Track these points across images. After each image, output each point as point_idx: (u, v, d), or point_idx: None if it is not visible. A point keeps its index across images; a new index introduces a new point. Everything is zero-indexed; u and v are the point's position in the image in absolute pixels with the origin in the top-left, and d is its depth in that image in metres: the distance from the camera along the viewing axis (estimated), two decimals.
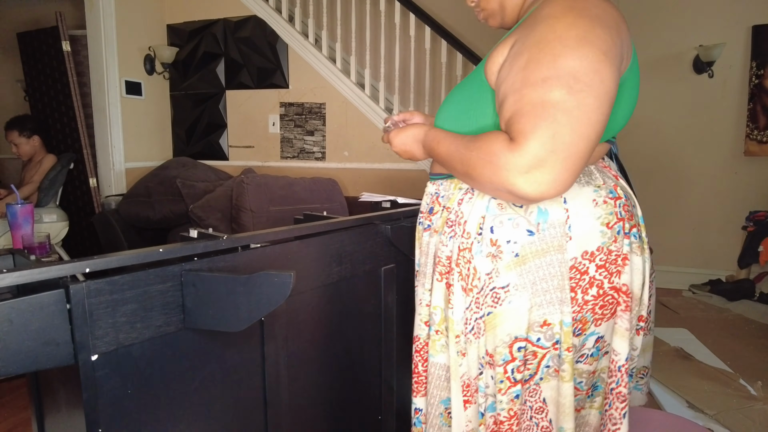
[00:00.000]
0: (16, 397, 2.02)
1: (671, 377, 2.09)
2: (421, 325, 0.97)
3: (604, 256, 0.79)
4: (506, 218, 0.79)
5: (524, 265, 0.78)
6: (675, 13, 3.43)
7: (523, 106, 0.68)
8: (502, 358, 0.81)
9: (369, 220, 1.24)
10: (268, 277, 0.78)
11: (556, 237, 0.77)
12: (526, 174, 0.66)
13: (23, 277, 0.66)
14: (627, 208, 0.82)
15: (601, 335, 0.83)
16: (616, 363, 0.84)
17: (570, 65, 0.66)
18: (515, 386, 0.81)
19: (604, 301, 0.81)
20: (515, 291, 0.79)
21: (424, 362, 0.98)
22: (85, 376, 0.71)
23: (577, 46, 0.67)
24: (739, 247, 3.37)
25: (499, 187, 0.70)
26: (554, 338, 0.79)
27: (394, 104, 3.28)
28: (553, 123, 0.65)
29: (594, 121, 0.66)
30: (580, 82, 0.66)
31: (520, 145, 0.66)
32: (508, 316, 0.79)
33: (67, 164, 3.18)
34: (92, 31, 3.29)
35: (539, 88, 0.67)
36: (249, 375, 0.97)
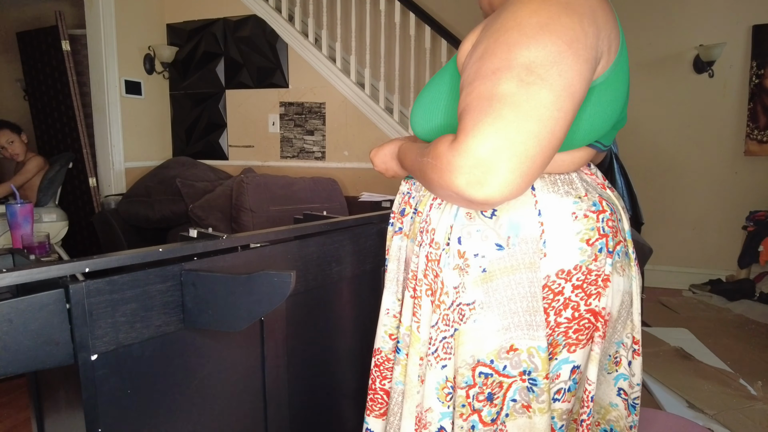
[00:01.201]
0: (16, 397, 2.02)
1: (671, 377, 2.09)
2: (384, 338, 0.91)
3: (581, 275, 0.71)
4: (474, 229, 0.72)
5: (491, 282, 0.71)
6: (675, 13, 3.43)
7: (471, 101, 0.60)
8: (464, 381, 0.73)
9: (369, 220, 1.24)
10: (268, 277, 0.78)
11: (527, 253, 0.70)
12: (467, 175, 0.58)
13: (23, 277, 0.66)
14: (611, 222, 0.73)
15: (578, 365, 0.74)
16: (589, 393, 0.76)
17: (525, 55, 0.59)
18: (473, 415, 0.73)
19: (579, 325, 0.72)
20: (480, 309, 0.71)
21: (383, 379, 0.92)
22: (84, 376, 0.71)
23: (535, 35, 0.59)
24: (739, 247, 3.37)
25: (448, 191, 0.62)
26: (521, 366, 0.72)
27: (394, 104, 3.27)
28: (497, 119, 0.57)
29: (546, 117, 0.58)
30: (533, 74, 0.58)
31: (460, 143, 0.59)
32: (472, 336, 0.72)
33: (65, 164, 3.18)
34: (92, 30, 3.28)
35: (488, 81, 0.60)
36: (249, 375, 0.97)
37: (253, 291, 0.79)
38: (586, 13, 0.62)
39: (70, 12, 4.29)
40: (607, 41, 0.65)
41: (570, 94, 0.59)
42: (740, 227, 3.39)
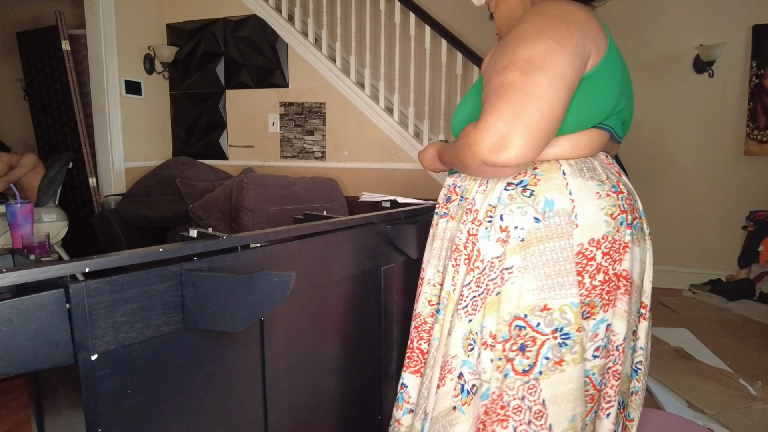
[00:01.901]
0: (16, 397, 2.02)
1: (671, 377, 2.09)
2: (424, 303, 1.04)
3: (608, 244, 0.85)
4: (515, 207, 0.86)
5: (528, 249, 0.84)
6: (675, 13, 3.43)
7: (488, 93, 0.80)
8: (501, 336, 0.86)
9: (369, 220, 1.24)
10: (268, 277, 0.78)
11: (560, 225, 0.84)
12: (489, 144, 0.76)
13: (23, 277, 0.66)
14: (629, 201, 0.89)
15: (609, 322, 0.88)
16: (614, 342, 0.89)
17: (525, 53, 0.78)
18: (507, 364, 0.85)
19: (609, 287, 0.86)
20: (518, 272, 0.84)
21: (419, 339, 1.04)
22: (84, 376, 0.71)
23: (532, 38, 0.79)
24: (739, 247, 3.37)
25: (477, 163, 0.80)
26: (554, 325, 0.83)
27: (394, 104, 3.27)
28: (509, 100, 0.75)
29: (545, 95, 0.75)
30: (531, 65, 0.76)
31: (482, 122, 0.77)
32: (510, 295, 0.85)
33: (65, 164, 3.18)
34: (92, 30, 3.28)
35: (500, 75, 0.79)
36: (249, 375, 0.97)
37: (253, 291, 0.79)
38: (573, 22, 0.81)
39: (70, 12, 4.29)
40: (594, 42, 0.84)
41: (561, 78, 0.77)
42: (740, 227, 3.39)
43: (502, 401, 0.86)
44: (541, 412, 0.84)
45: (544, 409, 0.84)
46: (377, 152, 3.33)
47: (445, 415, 0.90)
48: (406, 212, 1.38)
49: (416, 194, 3.04)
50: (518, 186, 0.87)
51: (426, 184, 3.24)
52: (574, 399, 0.84)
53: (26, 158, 3.16)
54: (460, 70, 3.23)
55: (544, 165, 0.88)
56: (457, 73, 3.24)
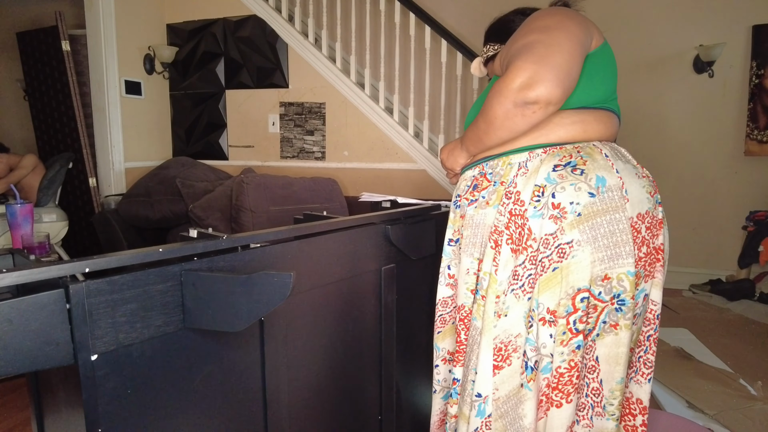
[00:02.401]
0: (16, 397, 2.02)
1: (671, 377, 2.09)
2: (467, 294, 1.05)
3: (650, 219, 0.93)
4: (568, 184, 0.90)
5: (587, 223, 0.88)
6: (675, 13, 3.43)
7: (513, 53, 0.89)
8: (565, 310, 0.89)
9: (369, 220, 1.24)
10: (268, 277, 0.78)
11: (614, 199, 0.89)
12: (521, 83, 0.84)
13: (23, 277, 0.66)
14: (655, 185, 0.99)
15: (647, 292, 0.95)
16: (655, 312, 0.97)
17: (540, 23, 0.90)
18: (577, 336, 0.89)
19: (650, 259, 0.94)
20: (578, 246, 0.88)
21: (467, 330, 1.05)
22: (84, 376, 0.71)
23: (544, 16, 0.93)
24: (739, 247, 3.37)
25: (510, 106, 0.86)
26: (612, 292, 0.89)
27: (394, 104, 3.27)
28: (533, 50, 0.85)
29: (565, 45, 0.85)
30: (550, 28, 0.88)
31: (511, 68, 0.86)
32: (573, 269, 0.88)
33: (65, 164, 3.18)
34: (92, 30, 3.28)
35: (521, 40, 0.89)
36: (249, 375, 0.97)
37: (253, 291, 0.79)
38: (575, 18, 0.93)
39: (70, 12, 4.29)
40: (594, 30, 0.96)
41: (576, 37, 0.88)
42: (740, 227, 3.39)
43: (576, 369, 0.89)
44: (594, 368, 0.91)
45: (597, 365, 0.91)
46: (377, 152, 3.33)
47: (515, 394, 0.94)
48: (406, 212, 1.38)
49: (416, 194, 3.04)
50: (567, 167, 0.91)
51: (426, 184, 3.24)
52: (623, 362, 0.90)
53: (26, 159, 3.16)
54: (460, 71, 3.23)
55: (587, 149, 0.93)
56: (457, 73, 3.24)
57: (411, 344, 1.43)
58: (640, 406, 1.00)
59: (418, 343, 1.46)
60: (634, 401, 1.01)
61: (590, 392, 0.93)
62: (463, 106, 3.45)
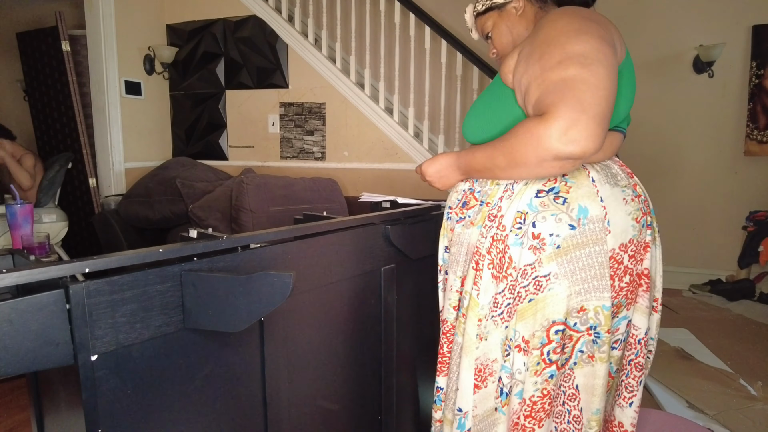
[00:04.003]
0: (16, 397, 2.02)
1: (671, 377, 2.09)
2: (450, 309, 1.05)
3: (634, 247, 0.90)
4: (549, 214, 0.87)
5: (565, 256, 0.86)
6: (675, 13, 3.43)
7: (547, 87, 0.80)
8: (539, 341, 0.88)
9: (369, 220, 1.24)
10: (268, 278, 0.78)
11: (595, 231, 0.86)
12: (565, 135, 0.76)
13: (23, 278, 0.66)
14: (647, 203, 0.95)
15: (630, 318, 0.94)
16: (636, 336, 0.95)
17: (577, 48, 0.80)
18: (550, 366, 0.89)
19: (632, 287, 0.92)
20: (555, 279, 0.87)
21: (449, 344, 1.06)
22: (84, 377, 0.71)
23: (578, 36, 0.81)
24: (739, 247, 3.37)
25: (545, 157, 0.79)
26: (588, 323, 0.88)
27: (393, 104, 3.27)
28: (576, 91, 0.76)
29: (607, 86, 0.78)
30: (589, 59, 0.78)
31: (553, 114, 0.77)
32: (548, 302, 0.87)
33: (65, 164, 3.18)
34: (92, 31, 3.28)
35: (557, 70, 0.80)
36: (249, 375, 0.97)
37: (253, 291, 0.79)
38: (602, 23, 0.86)
39: (70, 12, 4.29)
40: (619, 45, 0.89)
41: (614, 71, 0.81)
42: (740, 227, 3.39)
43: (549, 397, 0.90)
44: (575, 396, 0.92)
45: (577, 393, 0.92)
46: (377, 152, 3.33)
47: (489, 415, 0.96)
48: (406, 212, 1.38)
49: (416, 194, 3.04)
50: (549, 193, 0.88)
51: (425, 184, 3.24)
52: (599, 394, 0.90)
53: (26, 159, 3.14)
54: (460, 71, 3.23)
55: (573, 172, 0.90)
56: (457, 73, 3.24)
57: (411, 344, 1.43)
58: (621, 429, 1.00)
59: (418, 343, 1.46)
60: (617, 424, 1.01)
61: (572, 419, 0.93)
62: (463, 106, 3.45)
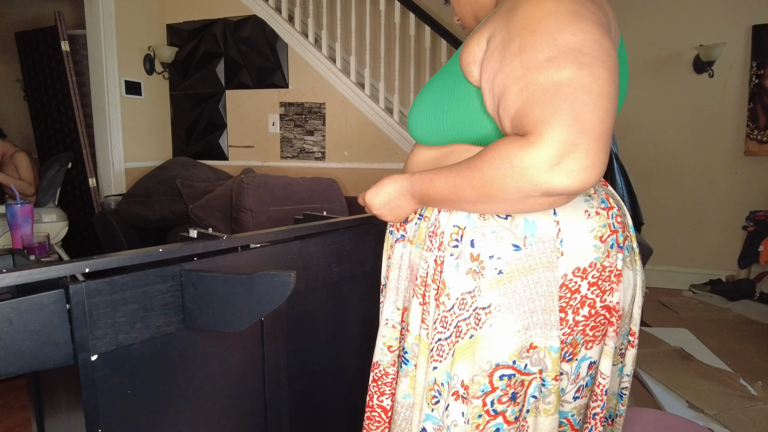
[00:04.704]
0: (16, 397, 2.02)
1: (671, 377, 2.09)
2: (383, 350, 0.85)
3: (596, 272, 0.71)
4: (489, 230, 0.70)
5: (509, 284, 0.69)
6: (675, 13, 3.43)
7: (533, 93, 0.59)
8: (480, 389, 0.71)
9: (369, 220, 1.24)
10: (268, 277, 0.78)
11: (545, 253, 0.69)
12: (558, 166, 0.56)
13: (23, 277, 0.66)
14: (619, 218, 0.74)
15: (594, 360, 0.75)
16: (603, 387, 0.76)
17: (572, 40, 0.59)
18: (495, 419, 0.71)
19: (596, 322, 0.72)
20: (497, 312, 0.70)
21: (381, 395, 0.86)
22: (84, 376, 0.71)
23: (573, 21, 0.60)
24: (739, 247, 3.37)
25: (530, 192, 0.59)
26: (540, 364, 0.71)
27: (394, 104, 3.27)
28: (574, 102, 0.56)
29: (610, 94, 0.58)
30: (588, 56, 0.58)
31: (542, 135, 0.56)
32: (490, 340, 0.70)
33: (65, 164, 3.18)
34: (92, 30, 3.28)
35: (546, 70, 0.58)
36: (249, 375, 0.97)
37: (253, 291, 0.79)
38: (598, 3, 0.65)
39: (69, 12, 4.29)
40: (614, 29, 0.69)
41: (616, 72, 0.60)
42: (740, 227, 3.39)
43: None
44: None
45: None
46: (377, 152, 3.33)
47: None
48: None
49: None
50: None
51: None
52: None
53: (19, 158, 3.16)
54: None
55: None
56: None
57: None
58: None
59: None
60: None
61: None
62: None
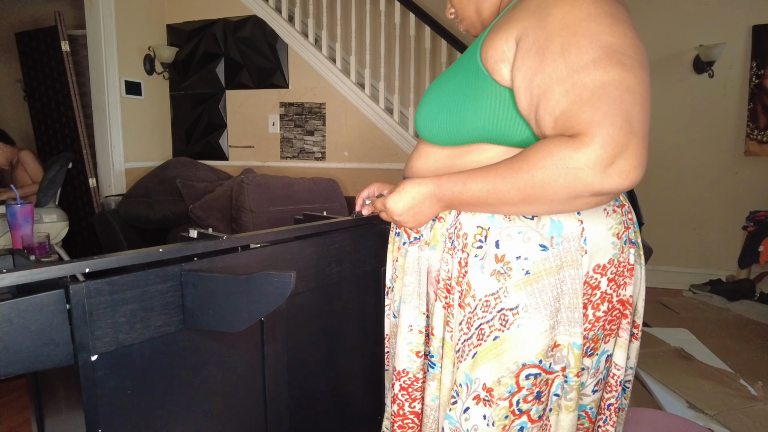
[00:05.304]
0: (16, 397, 2.02)
1: (671, 377, 2.09)
2: (411, 357, 0.85)
3: (614, 268, 0.73)
4: (515, 231, 0.71)
5: (537, 284, 0.70)
6: (675, 13, 3.43)
7: (580, 94, 0.60)
8: (507, 390, 0.71)
9: (369, 220, 1.24)
10: (268, 277, 0.78)
11: (570, 252, 0.70)
12: (612, 166, 0.57)
13: (23, 277, 0.66)
14: (630, 215, 0.77)
15: (610, 353, 0.78)
16: (618, 378, 0.78)
17: (614, 42, 0.61)
18: (520, 418, 0.72)
19: (612, 316, 0.75)
20: (525, 313, 0.70)
21: (413, 401, 0.86)
22: (84, 377, 0.71)
23: (612, 23, 0.62)
24: (739, 247, 3.37)
25: (582, 193, 0.60)
26: (562, 362, 0.73)
27: (394, 104, 3.27)
28: (623, 103, 0.58)
29: (648, 95, 0.61)
30: (630, 58, 0.60)
31: (596, 135, 0.57)
32: (517, 341, 0.71)
33: (65, 164, 3.18)
34: (92, 31, 3.28)
35: (593, 71, 0.59)
36: (249, 375, 0.97)
37: (253, 291, 0.79)
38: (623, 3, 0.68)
39: (69, 12, 4.29)
40: None
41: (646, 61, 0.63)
42: (740, 227, 3.39)
43: None
44: None
45: None
46: (377, 152, 3.33)
47: None
48: None
49: None
50: None
51: None
52: None
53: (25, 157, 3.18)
54: None
55: None
56: None
57: None
58: None
59: None
60: None
61: None
62: None
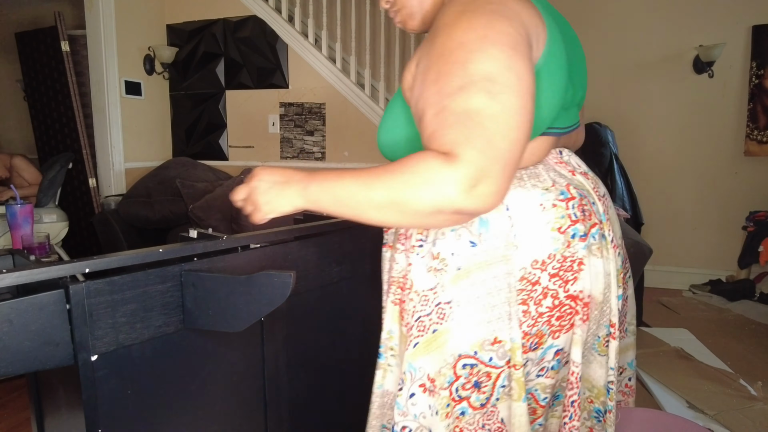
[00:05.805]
0: (16, 397, 2.02)
1: (671, 377, 2.09)
2: None
3: (557, 263, 0.73)
4: (448, 229, 0.75)
5: (467, 279, 0.73)
6: (675, 13, 3.43)
7: (447, 118, 0.62)
8: (447, 380, 0.75)
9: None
10: (268, 277, 0.78)
11: (499, 248, 0.73)
12: (473, 189, 0.59)
13: (23, 278, 0.66)
14: (583, 207, 0.76)
15: (561, 347, 0.77)
16: (577, 374, 0.78)
17: (481, 68, 0.62)
18: (461, 403, 0.75)
19: (561, 312, 0.75)
20: (458, 307, 0.74)
21: None
22: (84, 377, 0.71)
23: (481, 48, 0.62)
24: (739, 247, 3.37)
25: (443, 208, 0.62)
26: (507, 356, 0.74)
27: None
28: (485, 131, 0.60)
29: (521, 122, 0.62)
30: (497, 84, 0.61)
31: (461, 157, 0.59)
32: (454, 333, 0.74)
33: (65, 164, 3.18)
34: (92, 31, 3.28)
35: (457, 98, 0.62)
36: (249, 375, 0.97)
37: (253, 291, 0.79)
38: (513, 17, 0.66)
39: (69, 12, 4.29)
40: (534, 36, 0.69)
41: (531, 94, 0.64)
42: (740, 227, 3.38)
43: None
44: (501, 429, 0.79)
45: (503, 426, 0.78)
46: (377, 152, 3.32)
47: None
48: None
49: None
50: None
51: None
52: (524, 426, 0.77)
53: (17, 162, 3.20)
54: None
55: None
56: None
57: None
58: None
59: None
60: None
61: None
62: None
